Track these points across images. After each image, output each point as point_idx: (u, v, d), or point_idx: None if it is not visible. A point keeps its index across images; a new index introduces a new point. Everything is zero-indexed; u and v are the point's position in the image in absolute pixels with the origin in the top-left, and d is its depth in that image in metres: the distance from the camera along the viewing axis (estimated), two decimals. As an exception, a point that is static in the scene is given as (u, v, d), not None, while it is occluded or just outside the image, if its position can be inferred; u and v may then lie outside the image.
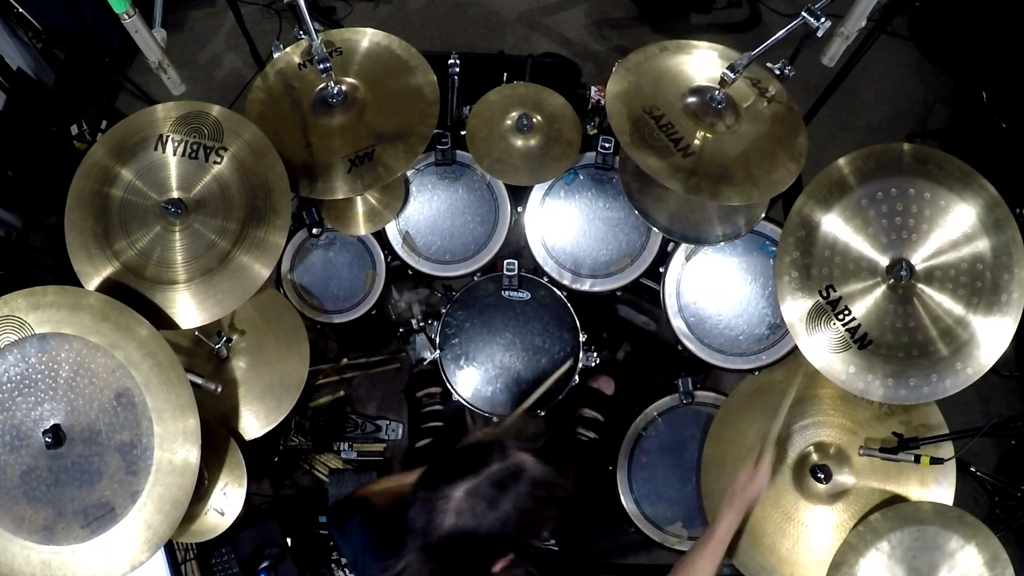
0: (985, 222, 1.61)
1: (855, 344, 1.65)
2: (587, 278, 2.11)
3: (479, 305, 2.12)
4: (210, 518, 1.83)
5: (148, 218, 1.70)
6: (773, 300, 2.02)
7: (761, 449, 1.72)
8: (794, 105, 1.87)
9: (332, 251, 2.21)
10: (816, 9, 1.60)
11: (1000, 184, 1.62)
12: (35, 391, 1.52)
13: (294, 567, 2.12)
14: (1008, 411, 2.66)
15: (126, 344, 1.54)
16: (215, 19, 3.42)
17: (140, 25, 1.92)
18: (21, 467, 1.51)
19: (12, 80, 2.77)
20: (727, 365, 2.04)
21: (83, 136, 2.88)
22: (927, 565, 1.63)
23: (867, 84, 3.19)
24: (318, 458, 2.48)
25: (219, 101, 1.81)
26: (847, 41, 1.98)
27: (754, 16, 3.38)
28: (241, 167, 1.73)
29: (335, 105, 1.92)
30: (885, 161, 1.67)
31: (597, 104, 2.43)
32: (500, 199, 2.15)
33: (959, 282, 1.62)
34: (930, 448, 1.70)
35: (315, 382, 2.54)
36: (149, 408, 1.53)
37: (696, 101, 1.81)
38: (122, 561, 1.51)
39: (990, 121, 2.84)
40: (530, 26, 3.37)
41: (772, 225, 2.04)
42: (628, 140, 1.76)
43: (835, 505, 1.78)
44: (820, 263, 1.69)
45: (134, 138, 1.74)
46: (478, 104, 2.13)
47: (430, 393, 2.35)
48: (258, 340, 1.95)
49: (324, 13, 3.30)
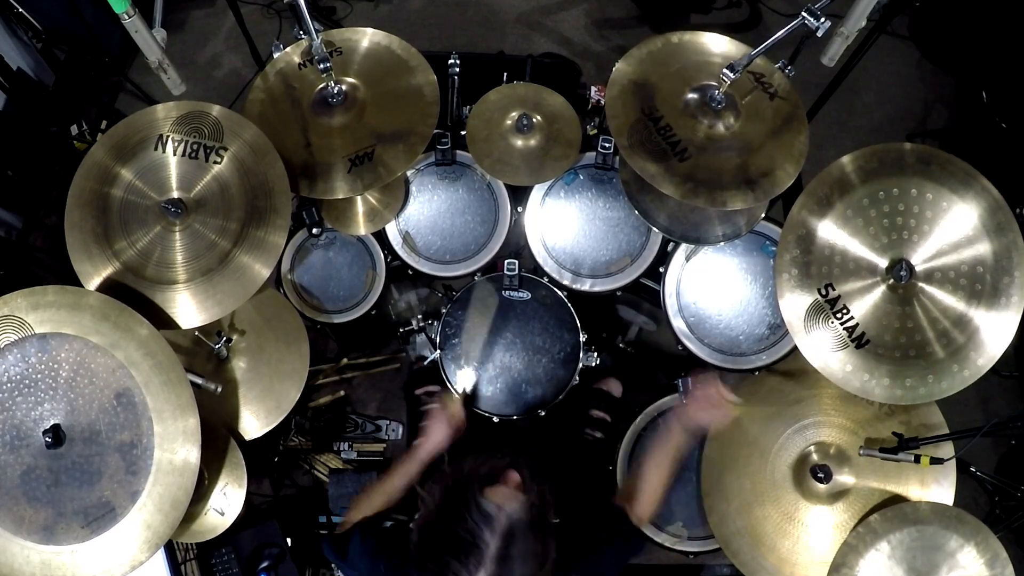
0: (987, 224, 1.60)
1: (852, 343, 1.65)
2: (587, 278, 2.10)
3: (479, 305, 2.11)
4: (210, 518, 1.83)
5: (148, 218, 1.70)
6: (773, 300, 2.02)
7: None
8: (798, 99, 1.86)
9: (332, 251, 2.21)
10: (816, 9, 1.60)
11: (1000, 184, 1.62)
12: (35, 391, 1.52)
13: (294, 567, 2.12)
14: (1008, 411, 2.66)
15: (126, 344, 1.54)
16: (215, 19, 3.42)
17: (140, 25, 1.92)
18: (21, 467, 1.51)
19: (12, 80, 2.77)
20: (727, 365, 2.04)
21: (83, 136, 2.88)
22: (927, 565, 1.63)
23: (867, 84, 3.19)
24: (318, 458, 2.48)
25: (219, 101, 1.81)
26: (847, 41, 1.98)
27: (754, 16, 3.38)
28: (241, 167, 1.73)
29: (335, 105, 1.92)
30: (888, 161, 1.67)
31: (597, 104, 2.43)
32: (500, 199, 2.15)
33: (959, 284, 1.61)
34: (930, 448, 1.70)
35: (315, 382, 2.54)
36: (149, 408, 1.53)
37: (696, 101, 1.81)
38: (122, 561, 1.51)
39: (990, 121, 2.84)
40: (530, 26, 3.37)
41: (772, 225, 2.04)
42: (626, 144, 1.76)
43: (835, 505, 1.78)
44: (820, 261, 1.69)
45: (134, 138, 1.74)
46: (478, 104, 2.13)
47: (428, 391, 2.35)
48: (258, 340, 1.95)
49: (324, 13, 3.30)
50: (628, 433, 2.07)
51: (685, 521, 2.01)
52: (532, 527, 1.21)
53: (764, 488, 1.84)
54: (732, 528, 1.85)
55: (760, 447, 1.86)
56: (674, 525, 2.02)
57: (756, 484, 1.84)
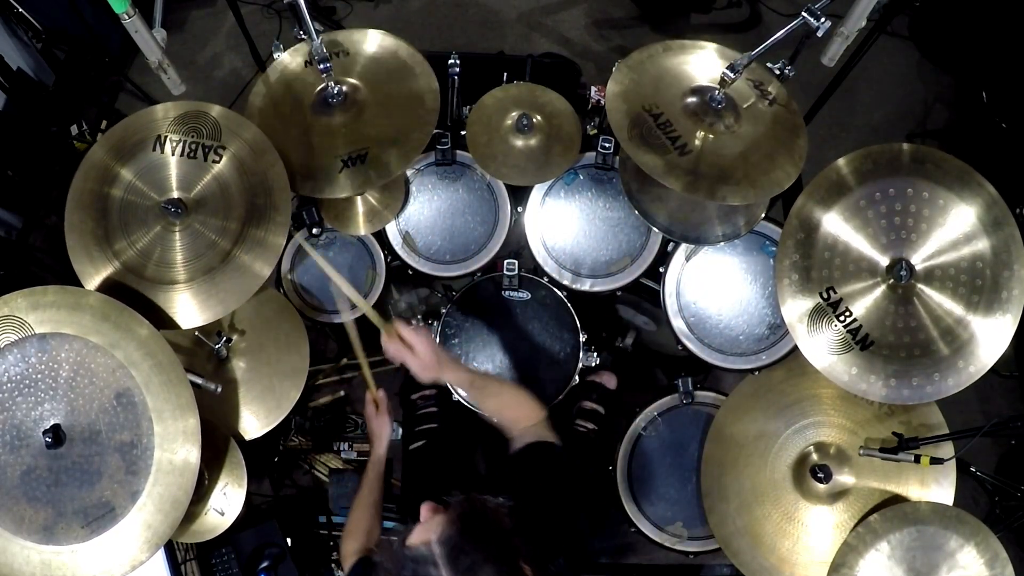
0: (984, 220, 1.61)
1: (857, 345, 1.65)
2: (587, 278, 2.10)
3: (479, 305, 2.11)
4: (210, 518, 1.83)
5: (148, 218, 1.70)
6: (773, 300, 2.02)
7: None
8: (795, 106, 1.87)
9: (332, 251, 2.21)
10: (816, 9, 1.60)
11: (1000, 184, 1.62)
12: (35, 391, 1.52)
13: (294, 567, 2.12)
14: (1008, 411, 2.66)
15: (126, 344, 1.54)
16: (215, 19, 3.42)
17: (140, 25, 1.92)
18: (21, 467, 1.51)
19: (12, 80, 2.77)
20: (727, 365, 2.04)
21: (83, 136, 2.88)
22: (927, 565, 1.63)
23: (867, 84, 3.19)
24: (318, 458, 2.48)
25: (219, 101, 1.81)
26: (847, 41, 1.98)
27: (754, 16, 3.39)
28: (241, 166, 1.73)
29: (335, 105, 1.92)
30: (883, 161, 1.68)
31: (597, 104, 2.43)
32: (500, 199, 2.15)
33: (959, 281, 1.62)
34: (930, 448, 1.70)
35: (315, 382, 2.54)
36: (149, 408, 1.53)
37: (696, 101, 1.81)
38: (122, 561, 1.51)
39: (990, 121, 2.84)
40: (530, 26, 3.37)
41: (772, 225, 2.04)
42: (626, 137, 1.76)
43: (835, 505, 1.78)
44: (820, 265, 1.69)
45: (134, 138, 1.74)
46: (478, 105, 2.13)
47: (424, 396, 2.34)
48: (258, 340, 1.95)
49: (324, 13, 3.30)
50: (628, 433, 2.07)
51: (685, 521, 2.02)
52: (468, 530, 1.16)
53: (764, 488, 1.84)
54: (732, 528, 1.85)
55: (760, 447, 1.86)
56: (674, 525, 2.02)
57: (756, 484, 1.85)
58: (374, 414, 1.85)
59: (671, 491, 2.04)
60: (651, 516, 2.03)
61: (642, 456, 2.06)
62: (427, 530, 1.18)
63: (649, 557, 2.38)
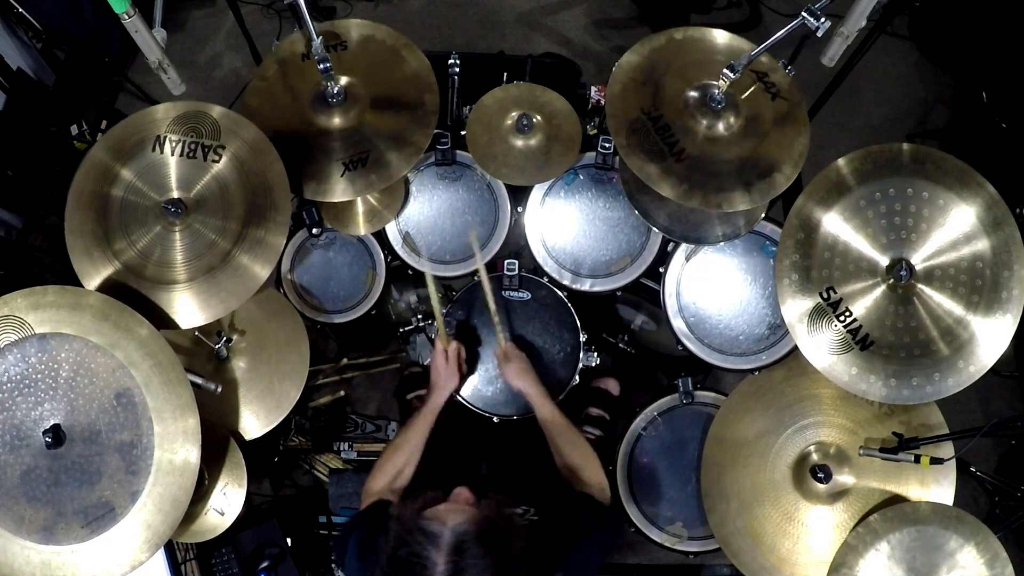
0: (984, 220, 1.61)
1: (857, 345, 1.65)
2: (587, 278, 2.10)
3: (479, 305, 2.11)
4: (210, 518, 1.83)
5: (148, 218, 1.70)
6: (773, 300, 2.02)
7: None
8: (800, 99, 1.85)
9: (332, 251, 2.21)
10: (816, 9, 1.60)
11: (1000, 184, 1.62)
12: (35, 391, 1.52)
13: (294, 567, 2.12)
14: (1008, 411, 2.66)
15: (126, 344, 1.54)
16: (215, 19, 3.43)
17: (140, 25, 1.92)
18: (21, 467, 1.51)
19: (12, 80, 2.77)
20: (727, 365, 2.04)
21: (83, 136, 2.88)
22: (927, 565, 1.63)
23: (867, 84, 3.19)
24: (318, 458, 2.48)
25: (219, 101, 1.81)
26: (847, 41, 1.99)
27: (754, 16, 3.39)
28: (240, 166, 1.73)
29: (334, 105, 1.91)
30: (883, 161, 1.68)
31: (597, 104, 2.43)
32: (500, 199, 2.15)
33: (959, 280, 1.62)
34: (930, 448, 1.70)
35: (315, 382, 2.55)
36: (149, 408, 1.53)
37: (696, 101, 1.81)
38: (122, 561, 1.51)
39: (990, 121, 2.84)
40: (530, 26, 3.37)
41: (772, 225, 2.04)
42: (624, 143, 1.76)
43: (835, 505, 1.78)
44: (820, 265, 1.69)
45: (133, 138, 1.74)
46: (478, 105, 2.13)
47: (419, 396, 2.35)
48: (258, 340, 1.95)
49: (324, 13, 3.31)
50: (628, 433, 2.07)
51: (685, 521, 2.02)
52: (485, 538, 1.19)
53: (764, 488, 1.84)
54: (732, 528, 1.85)
55: (760, 447, 1.86)
56: (674, 525, 2.02)
57: (756, 484, 1.85)
58: (443, 364, 1.86)
59: (671, 491, 2.04)
60: (651, 516, 2.03)
61: (642, 456, 2.06)
62: (449, 512, 1.22)
63: (649, 557, 2.38)
